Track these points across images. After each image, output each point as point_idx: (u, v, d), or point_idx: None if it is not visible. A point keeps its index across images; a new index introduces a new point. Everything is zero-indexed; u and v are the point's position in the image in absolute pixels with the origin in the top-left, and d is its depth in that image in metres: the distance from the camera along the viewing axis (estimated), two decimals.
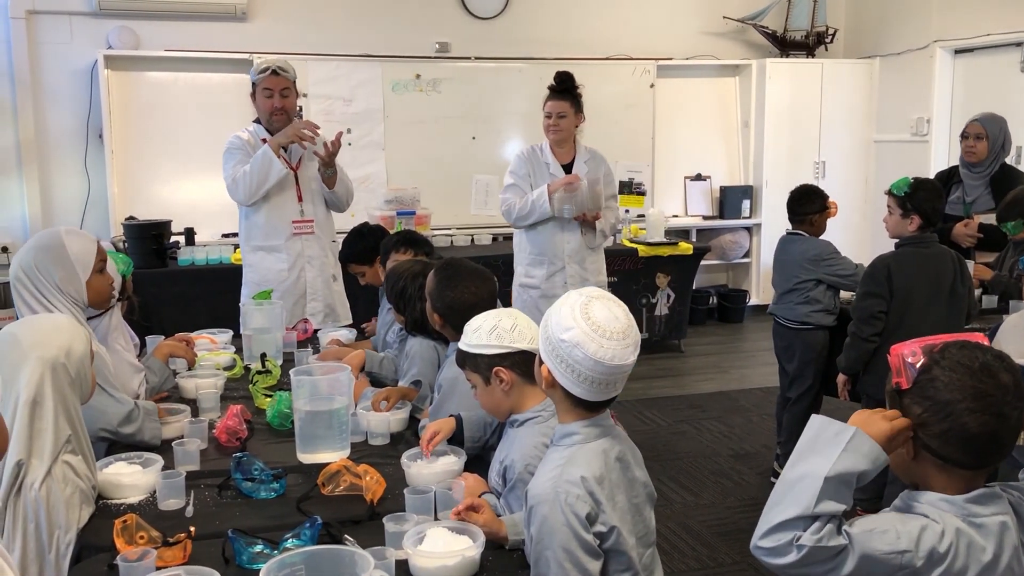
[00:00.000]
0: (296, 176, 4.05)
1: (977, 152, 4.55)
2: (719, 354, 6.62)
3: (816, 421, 1.48)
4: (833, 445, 1.42)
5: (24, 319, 2.23)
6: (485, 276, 2.58)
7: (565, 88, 4.31)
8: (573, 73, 4.36)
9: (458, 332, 2.54)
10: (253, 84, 3.99)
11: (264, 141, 3.99)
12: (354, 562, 1.63)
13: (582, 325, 1.68)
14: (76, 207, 6.37)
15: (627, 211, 6.82)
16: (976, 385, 1.40)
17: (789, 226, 4.32)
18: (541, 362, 1.77)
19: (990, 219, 4.49)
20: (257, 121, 4.11)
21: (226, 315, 4.42)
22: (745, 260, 7.81)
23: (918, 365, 1.46)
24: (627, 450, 1.83)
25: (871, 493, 3.36)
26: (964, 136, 4.59)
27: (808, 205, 4.23)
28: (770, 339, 4.41)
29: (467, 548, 1.81)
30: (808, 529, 1.39)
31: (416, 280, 2.80)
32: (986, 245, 4.49)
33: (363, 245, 3.71)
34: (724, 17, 7.62)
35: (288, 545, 1.89)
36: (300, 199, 4.06)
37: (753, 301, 7.71)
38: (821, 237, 4.25)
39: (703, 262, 6.98)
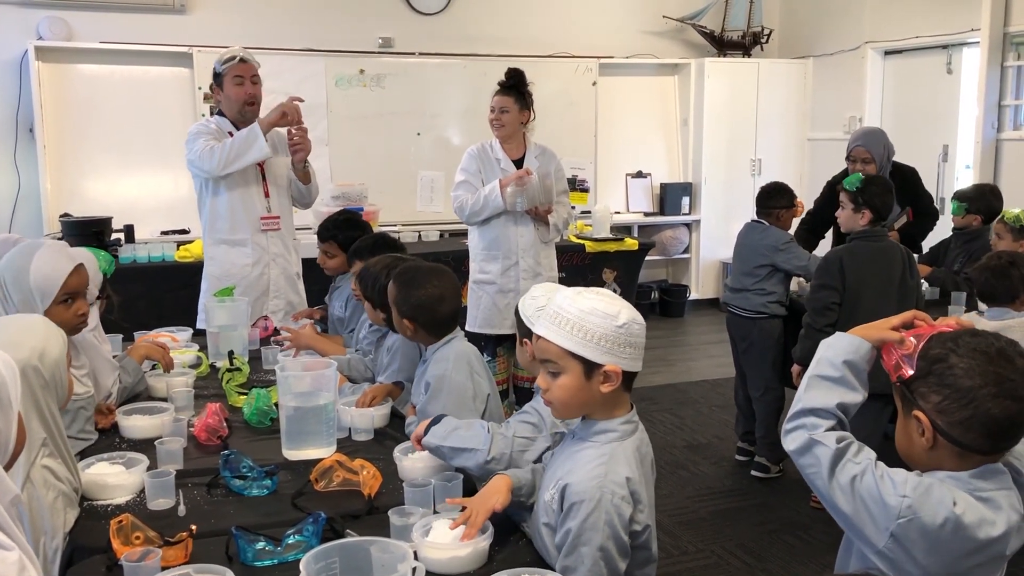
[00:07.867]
0: (263, 171, 3.95)
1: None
2: (665, 348, 6.73)
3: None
4: (820, 349, 1.66)
5: None
6: (443, 270, 2.61)
7: (512, 84, 4.34)
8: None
9: (431, 332, 2.54)
10: (218, 75, 3.85)
11: (231, 134, 3.87)
12: (390, 553, 1.64)
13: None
14: (5, 203, 6.15)
15: (573, 207, 6.90)
16: (996, 371, 1.43)
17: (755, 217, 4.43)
18: (598, 365, 1.72)
19: (901, 221, 4.66)
20: (220, 113, 3.97)
21: (171, 313, 4.33)
22: (685, 256, 7.95)
23: (912, 350, 1.51)
24: (648, 447, 1.88)
25: None
26: (852, 160, 4.57)
27: (777, 200, 4.37)
28: (714, 332, 4.52)
29: (478, 539, 1.81)
30: (819, 427, 1.58)
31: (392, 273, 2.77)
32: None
33: (355, 236, 3.57)
34: (664, 16, 7.74)
35: (291, 541, 1.86)
36: (267, 195, 3.96)
37: (694, 296, 7.86)
38: None
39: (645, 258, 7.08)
